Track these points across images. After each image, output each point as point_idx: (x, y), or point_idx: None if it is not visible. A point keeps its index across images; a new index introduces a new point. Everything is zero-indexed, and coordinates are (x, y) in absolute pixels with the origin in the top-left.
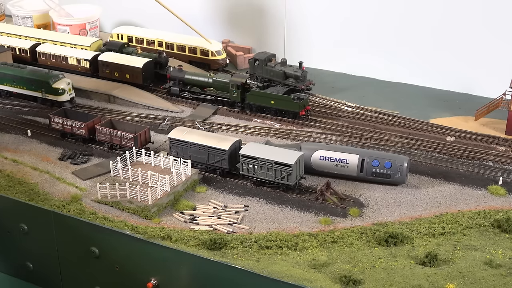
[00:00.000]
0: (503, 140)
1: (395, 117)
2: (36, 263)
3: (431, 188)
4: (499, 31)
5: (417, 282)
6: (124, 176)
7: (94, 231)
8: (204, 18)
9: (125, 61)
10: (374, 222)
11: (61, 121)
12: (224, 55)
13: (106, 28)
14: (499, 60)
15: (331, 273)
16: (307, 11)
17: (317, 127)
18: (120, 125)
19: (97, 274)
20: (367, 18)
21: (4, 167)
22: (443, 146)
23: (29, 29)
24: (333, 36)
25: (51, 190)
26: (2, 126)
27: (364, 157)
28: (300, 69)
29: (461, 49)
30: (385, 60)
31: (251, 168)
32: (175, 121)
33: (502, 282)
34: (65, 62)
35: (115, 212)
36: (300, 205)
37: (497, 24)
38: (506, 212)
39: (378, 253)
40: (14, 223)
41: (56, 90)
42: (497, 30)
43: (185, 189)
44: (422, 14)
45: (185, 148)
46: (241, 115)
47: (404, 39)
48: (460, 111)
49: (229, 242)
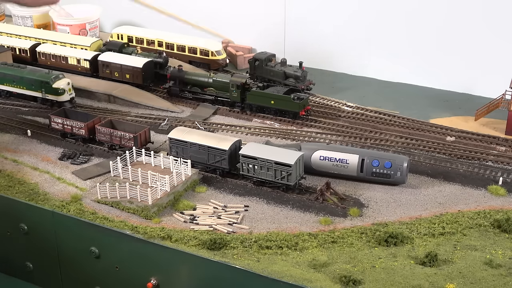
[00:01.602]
0: (503, 140)
1: (395, 117)
2: (36, 263)
3: (431, 188)
4: (499, 31)
5: (417, 282)
6: (124, 176)
7: (94, 231)
8: (204, 18)
9: (125, 61)
10: (374, 222)
11: (61, 121)
12: (224, 55)
13: (106, 28)
14: (499, 60)
15: (331, 273)
16: (307, 11)
17: (317, 127)
18: (120, 125)
19: (97, 274)
20: (368, 18)
21: (4, 167)
22: (443, 146)
23: (29, 29)
24: (333, 36)
25: (51, 190)
26: (2, 126)
27: (364, 157)
28: (300, 69)
29: (461, 49)
30: (385, 60)
31: (251, 168)
32: (175, 121)
33: (502, 282)
34: (65, 62)
35: (115, 212)
36: (300, 205)
37: (497, 24)
38: (506, 212)
39: (378, 253)
40: (14, 223)
41: (56, 90)
42: (497, 30)
43: (185, 189)
44: (422, 14)
45: (185, 148)
46: (241, 115)
47: (405, 39)
48: (460, 111)
49: (229, 242)
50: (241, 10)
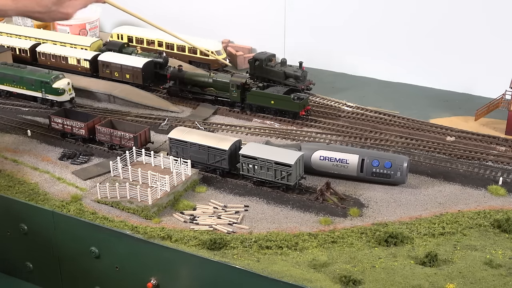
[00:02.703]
0: (503, 140)
1: (395, 117)
2: (36, 263)
3: (431, 188)
4: (500, 30)
5: (417, 282)
6: (124, 176)
7: (94, 231)
8: (204, 18)
9: (125, 61)
10: (374, 222)
11: (61, 121)
12: (224, 55)
13: (106, 28)
14: (499, 60)
15: (331, 273)
16: (307, 11)
17: (317, 127)
18: (120, 125)
19: (97, 274)
20: (368, 18)
21: (4, 167)
22: (443, 146)
23: (29, 29)
24: (333, 36)
25: (51, 190)
26: (2, 126)
27: (364, 157)
28: (300, 69)
29: (461, 49)
30: (385, 60)
31: (251, 168)
32: (175, 121)
33: (502, 282)
34: (65, 62)
35: (115, 212)
36: (300, 205)
37: (498, 24)
38: (506, 212)
39: (378, 253)
40: (14, 223)
41: (56, 90)
42: (498, 29)
43: (185, 189)
44: (422, 14)
45: (185, 148)
46: (241, 115)
47: (405, 39)
48: (460, 111)
49: (229, 242)
50: (241, 10)
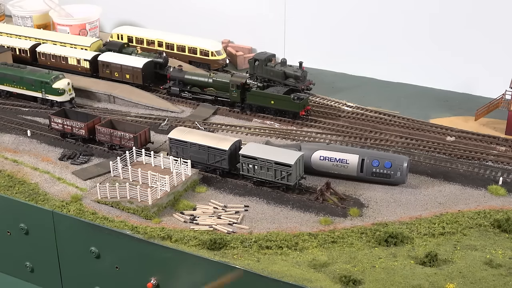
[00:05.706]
0: (503, 140)
1: (395, 117)
2: (36, 263)
3: (431, 188)
4: (499, 31)
5: (417, 282)
6: (124, 176)
7: (94, 231)
8: (204, 18)
9: (125, 61)
10: (374, 222)
11: (61, 121)
12: (224, 55)
13: (106, 28)
14: (499, 60)
15: (331, 273)
16: (307, 11)
17: (317, 127)
18: (120, 125)
19: (97, 274)
20: (368, 18)
21: (5, 167)
22: (443, 146)
23: (29, 29)
24: (333, 36)
25: (51, 190)
26: (2, 126)
27: (364, 157)
28: (300, 69)
29: (461, 49)
30: (385, 60)
31: (251, 168)
32: (175, 121)
33: (502, 282)
34: (65, 62)
35: (115, 212)
36: (300, 205)
37: (498, 24)
38: (506, 212)
39: (378, 253)
40: (14, 223)
41: (56, 90)
42: (498, 30)
43: (185, 189)
44: (422, 14)
45: (185, 148)
46: (241, 115)
47: (404, 39)
48: (460, 111)
49: (229, 242)
50: (241, 10)
